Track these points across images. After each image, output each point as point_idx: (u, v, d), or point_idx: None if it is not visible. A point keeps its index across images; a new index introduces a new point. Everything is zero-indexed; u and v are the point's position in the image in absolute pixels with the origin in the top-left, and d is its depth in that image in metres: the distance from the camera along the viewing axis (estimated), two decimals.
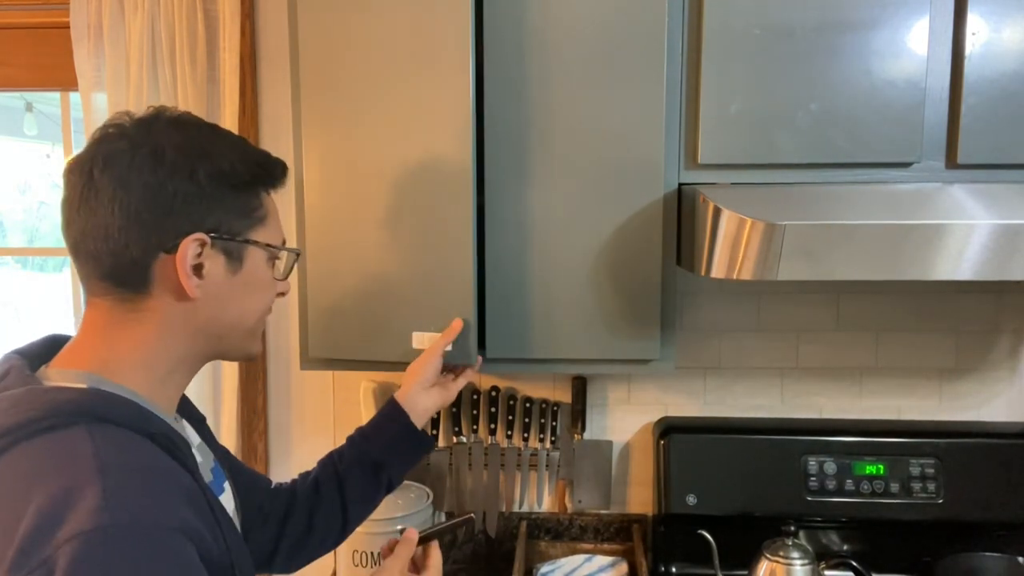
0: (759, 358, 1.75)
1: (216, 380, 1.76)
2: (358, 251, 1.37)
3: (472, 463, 1.77)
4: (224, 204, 0.83)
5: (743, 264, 1.17)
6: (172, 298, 0.81)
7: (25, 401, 0.74)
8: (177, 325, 0.83)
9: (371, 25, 1.33)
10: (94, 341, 0.82)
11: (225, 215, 0.83)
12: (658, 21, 1.31)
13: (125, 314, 0.81)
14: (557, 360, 1.40)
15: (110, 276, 0.80)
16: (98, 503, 0.67)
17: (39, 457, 0.71)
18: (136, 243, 0.78)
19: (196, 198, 0.80)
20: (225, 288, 0.84)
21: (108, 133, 0.81)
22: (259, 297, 0.89)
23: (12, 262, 2.72)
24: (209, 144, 0.83)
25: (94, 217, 0.78)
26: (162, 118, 0.83)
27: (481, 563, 1.80)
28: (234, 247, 0.84)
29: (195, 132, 0.83)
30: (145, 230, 0.78)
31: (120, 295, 0.81)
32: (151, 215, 0.78)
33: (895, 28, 1.29)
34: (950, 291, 1.72)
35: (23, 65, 1.79)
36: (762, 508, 1.63)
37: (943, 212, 1.20)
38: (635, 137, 1.32)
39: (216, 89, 1.69)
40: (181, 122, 0.83)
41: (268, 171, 0.88)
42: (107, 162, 0.78)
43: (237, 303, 0.86)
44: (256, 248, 0.87)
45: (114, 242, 0.78)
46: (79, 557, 0.64)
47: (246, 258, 0.86)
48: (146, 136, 0.80)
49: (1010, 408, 1.74)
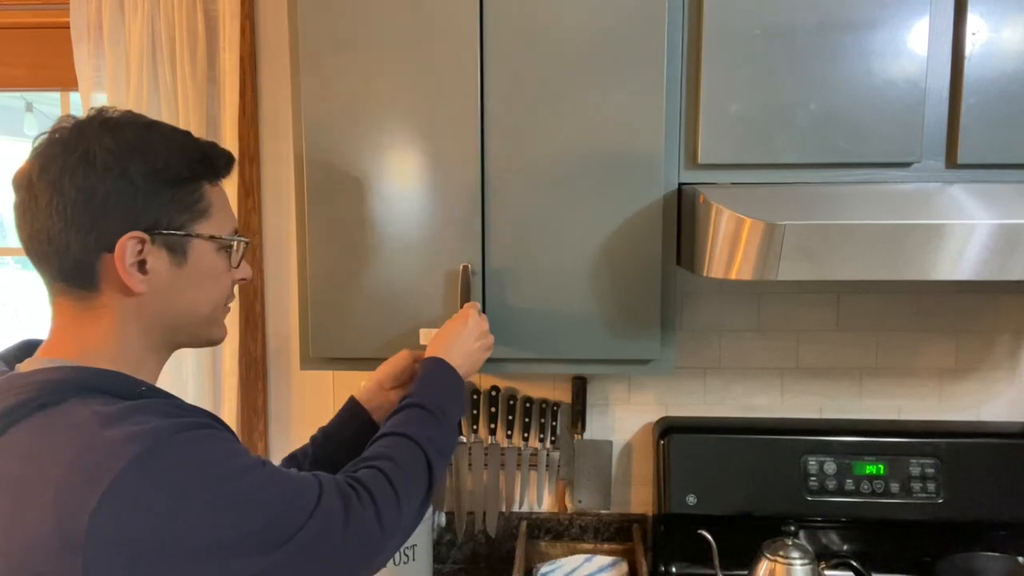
0: (759, 358, 1.75)
1: (216, 380, 1.76)
2: (359, 250, 1.37)
3: (472, 463, 1.76)
4: (160, 200, 0.84)
5: (743, 264, 1.17)
6: (120, 294, 0.84)
7: (12, 385, 0.77)
8: (131, 319, 0.85)
9: (372, 24, 1.33)
10: (64, 337, 0.84)
11: (163, 211, 0.84)
12: (658, 21, 1.31)
13: (84, 311, 0.84)
14: (557, 360, 1.40)
15: (61, 277, 0.83)
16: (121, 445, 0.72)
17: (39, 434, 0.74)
18: (76, 245, 0.81)
19: (129, 197, 0.82)
20: (173, 282, 0.86)
21: (47, 139, 0.83)
22: (211, 287, 0.91)
23: (12, 262, 2.72)
24: (142, 142, 0.84)
25: (36, 222, 0.81)
26: (96, 120, 0.84)
27: (481, 563, 1.80)
28: (176, 241, 0.86)
29: (128, 132, 0.84)
30: (82, 232, 0.81)
31: (75, 294, 0.84)
32: (87, 217, 0.81)
33: (895, 28, 1.29)
34: (950, 291, 1.72)
35: (23, 65, 1.79)
36: (762, 508, 1.63)
37: (943, 212, 1.20)
38: (635, 137, 1.32)
39: (216, 89, 1.69)
40: (116, 123, 0.85)
41: (209, 163, 0.89)
42: (43, 168, 0.81)
43: (187, 294, 0.88)
44: (200, 240, 0.88)
45: (56, 244, 0.81)
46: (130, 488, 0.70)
47: (190, 251, 0.87)
48: (79, 140, 0.82)
49: (1010, 408, 1.74)
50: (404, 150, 1.35)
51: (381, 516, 0.89)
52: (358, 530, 0.86)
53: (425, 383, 1.11)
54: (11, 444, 0.75)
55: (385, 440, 1.01)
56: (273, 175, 1.77)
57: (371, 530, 0.88)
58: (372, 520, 0.88)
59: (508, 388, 1.77)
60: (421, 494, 0.98)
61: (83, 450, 0.72)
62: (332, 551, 0.83)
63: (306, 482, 0.85)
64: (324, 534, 0.82)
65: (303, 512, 0.81)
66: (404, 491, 0.94)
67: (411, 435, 1.01)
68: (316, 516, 0.82)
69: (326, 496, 0.84)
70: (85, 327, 0.84)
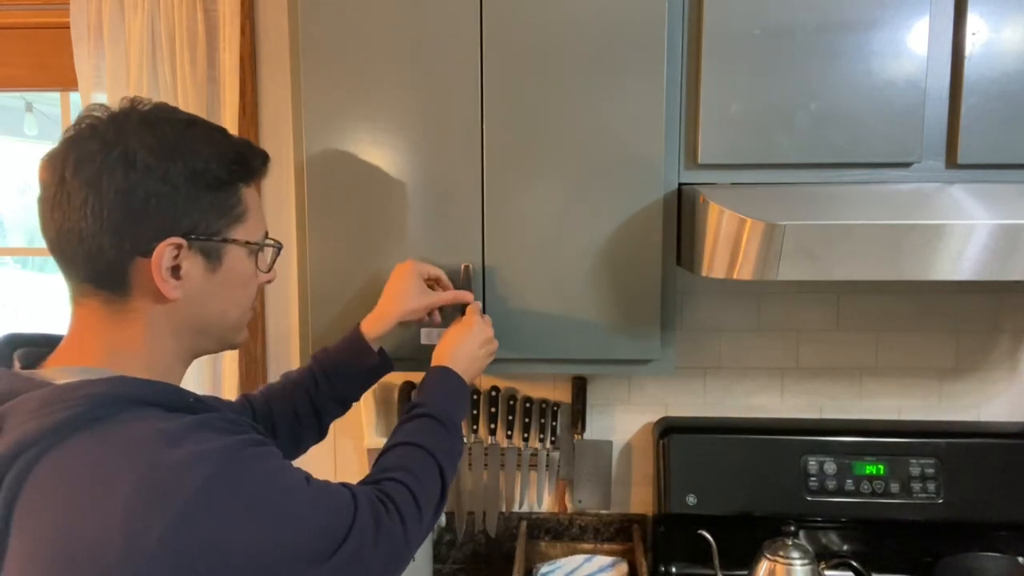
0: (759, 358, 1.75)
1: (216, 379, 1.76)
2: (359, 250, 1.37)
3: (472, 463, 1.77)
4: (200, 204, 0.81)
5: (743, 264, 1.17)
6: (152, 300, 0.81)
7: (58, 399, 0.73)
8: (162, 325, 0.83)
9: (372, 24, 1.33)
10: (89, 339, 0.81)
11: (202, 215, 0.82)
12: (658, 21, 1.31)
13: (112, 315, 0.81)
14: (557, 360, 1.40)
15: (90, 279, 0.80)
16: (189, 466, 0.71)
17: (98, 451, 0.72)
18: (110, 247, 0.78)
19: (170, 200, 0.79)
20: (205, 287, 0.84)
21: (81, 130, 0.79)
22: (241, 292, 0.89)
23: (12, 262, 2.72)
24: (183, 143, 0.81)
25: (67, 221, 0.77)
26: (134, 115, 0.81)
27: (481, 563, 1.80)
28: (212, 247, 0.83)
29: (168, 130, 0.81)
30: (118, 235, 0.78)
31: (103, 297, 0.80)
32: (124, 219, 0.77)
33: (895, 28, 1.29)
34: (950, 291, 1.72)
35: (23, 65, 1.79)
36: (762, 508, 1.63)
37: (943, 212, 1.20)
38: (635, 137, 1.32)
39: (216, 89, 1.69)
40: (154, 119, 0.81)
41: (246, 165, 0.87)
42: (78, 164, 0.77)
43: (219, 300, 0.86)
44: (235, 246, 0.86)
45: (88, 246, 0.78)
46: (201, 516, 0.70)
47: (225, 256, 0.85)
48: (117, 136, 0.78)
49: (1010, 408, 1.74)
50: (404, 150, 1.35)
51: (407, 528, 0.92)
52: (387, 543, 0.88)
53: (435, 392, 1.13)
54: (66, 460, 0.71)
55: (401, 450, 1.03)
56: (273, 175, 1.76)
57: (399, 542, 0.90)
58: (400, 533, 0.90)
59: (508, 388, 1.77)
60: (435, 504, 1.01)
61: (150, 470, 0.70)
62: (366, 564, 0.85)
63: (344, 497, 0.86)
64: (360, 549, 0.84)
65: (343, 527, 0.83)
66: (424, 502, 0.97)
67: (426, 447, 1.03)
68: (354, 531, 0.83)
69: (361, 512, 0.86)
70: (113, 332, 0.81)
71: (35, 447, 0.71)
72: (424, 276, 1.30)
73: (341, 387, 1.24)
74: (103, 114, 0.80)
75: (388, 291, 1.28)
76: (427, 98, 1.34)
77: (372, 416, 1.77)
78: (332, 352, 1.25)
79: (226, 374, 1.74)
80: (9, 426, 0.72)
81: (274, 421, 1.19)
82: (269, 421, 1.19)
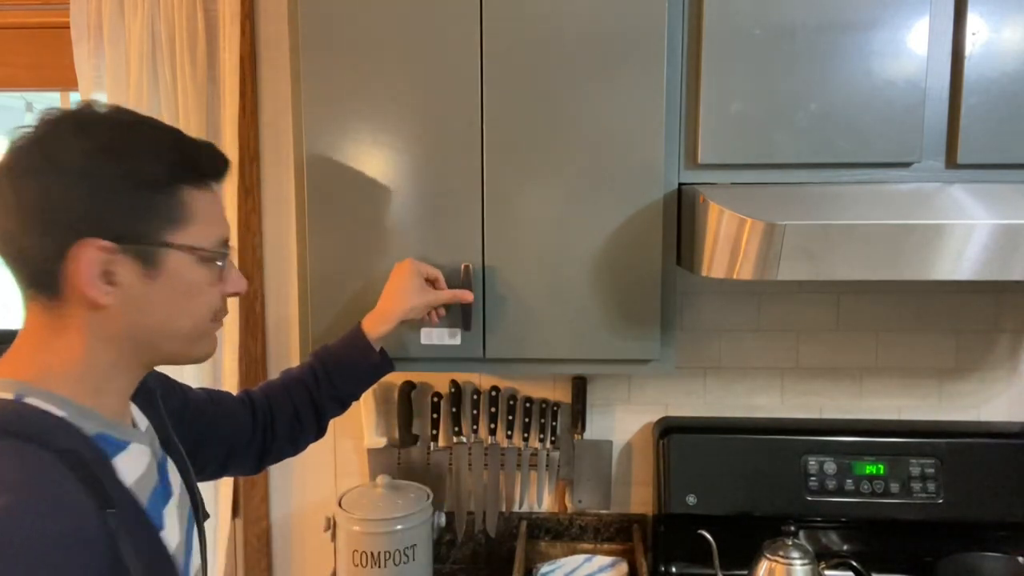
0: (759, 358, 1.75)
1: (216, 380, 1.76)
2: (359, 250, 1.37)
3: (472, 463, 1.76)
4: (132, 205, 0.77)
5: (743, 264, 1.17)
6: (85, 307, 0.78)
7: None
8: (99, 332, 0.79)
9: (372, 24, 1.33)
10: (30, 348, 0.79)
11: (133, 218, 0.78)
12: (658, 21, 1.31)
13: (52, 320, 0.79)
14: (557, 360, 1.40)
15: (25, 283, 0.79)
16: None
17: None
18: (34, 249, 0.76)
19: (94, 199, 0.76)
20: (142, 294, 0.79)
21: (19, 136, 0.78)
22: (191, 301, 0.83)
23: None
24: (117, 143, 0.78)
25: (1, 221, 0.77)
26: (68, 119, 0.78)
27: (481, 563, 1.80)
28: (147, 251, 0.79)
29: (104, 130, 0.78)
30: (41, 236, 0.76)
31: (42, 301, 0.78)
32: (45, 221, 0.75)
33: (895, 28, 1.29)
34: (950, 291, 1.72)
35: (23, 65, 1.79)
36: (762, 508, 1.63)
37: (943, 212, 1.20)
38: (635, 137, 1.32)
39: (216, 89, 1.69)
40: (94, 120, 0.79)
41: (192, 166, 0.82)
42: (8, 167, 0.76)
43: (160, 309, 0.81)
44: (176, 251, 0.80)
45: (17, 248, 0.77)
46: None
47: (164, 262, 0.80)
48: (51, 137, 0.77)
49: (1010, 408, 1.74)
50: (404, 150, 1.35)
51: None
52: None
53: None
54: None
55: None
56: (273, 175, 1.77)
57: None
58: None
59: (508, 388, 1.77)
60: None
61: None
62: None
63: None
64: None
65: None
66: None
67: None
68: None
69: None
70: (51, 337, 0.79)
71: None
72: (423, 275, 1.30)
73: (341, 385, 1.24)
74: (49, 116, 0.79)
75: (388, 290, 1.28)
76: (427, 98, 1.34)
77: (372, 416, 1.76)
78: (333, 350, 1.25)
79: (226, 373, 1.74)
80: None
81: (273, 417, 1.20)
82: (268, 417, 1.19)
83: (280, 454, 1.22)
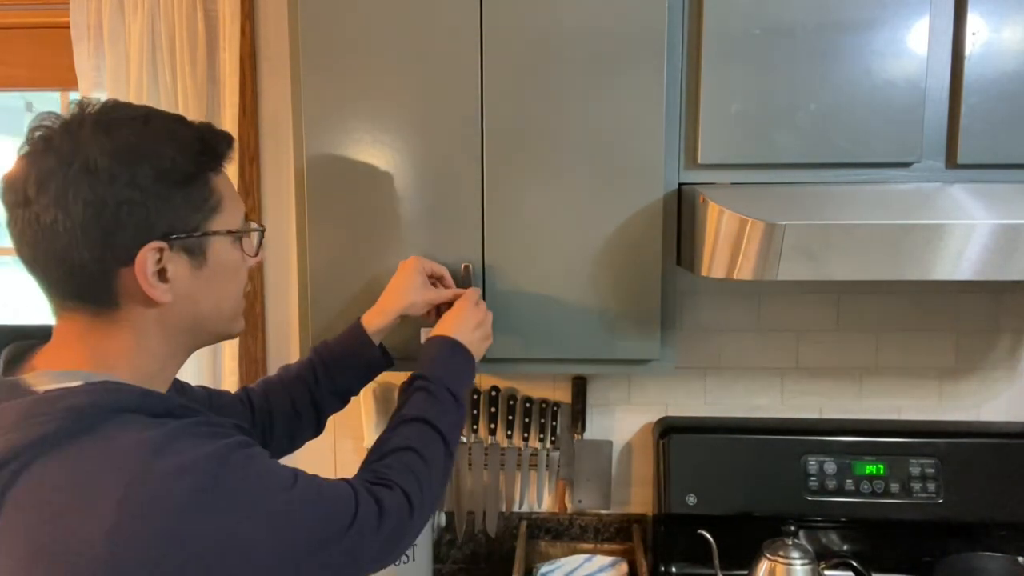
0: (759, 358, 1.75)
1: (216, 380, 1.76)
2: (359, 250, 1.37)
3: (472, 463, 1.76)
4: (173, 203, 0.79)
5: (743, 264, 1.17)
6: (143, 307, 0.80)
7: (38, 411, 0.72)
8: (153, 329, 0.81)
9: (372, 24, 1.33)
10: (75, 345, 0.79)
11: (177, 214, 0.79)
12: (658, 21, 1.31)
13: (100, 326, 0.79)
14: (557, 360, 1.40)
15: (74, 295, 0.78)
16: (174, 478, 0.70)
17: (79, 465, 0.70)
18: (91, 262, 0.76)
19: (141, 205, 0.76)
20: (194, 285, 0.82)
21: (35, 145, 0.77)
22: (230, 282, 0.87)
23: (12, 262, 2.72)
24: (144, 143, 0.78)
25: (43, 241, 0.75)
26: (87, 121, 0.77)
27: (481, 563, 1.80)
28: (194, 243, 0.81)
29: (126, 132, 0.77)
30: (96, 248, 0.75)
31: (90, 310, 0.79)
32: (98, 232, 0.75)
33: (895, 28, 1.29)
34: (950, 291, 1.72)
35: (23, 65, 1.79)
36: (762, 508, 1.63)
37: (943, 212, 1.20)
38: (635, 137, 1.32)
39: (216, 89, 1.69)
40: (108, 121, 0.78)
41: (212, 153, 0.84)
42: (41, 183, 0.74)
43: (210, 295, 0.85)
44: (217, 237, 0.84)
45: (69, 264, 0.76)
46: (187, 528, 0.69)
47: (208, 250, 0.83)
48: (74, 147, 0.75)
49: (1010, 408, 1.74)
50: (404, 150, 1.35)
51: (412, 507, 0.93)
52: (393, 526, 0.89)
53: (436, 363, 1.14)
54: (47, 475, 0.70)
55: (404, 428, 1.04)
56: (273, 175, 1.77)
57: (403, 523, 0.91)
58: (405, 514, 0.92)
59: (508, 388, 1.77)
60: (441, 476, 1.02)
61: (135, 482, 0.69)
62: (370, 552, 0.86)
63: (339, 488, 0.87)
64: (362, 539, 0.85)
65: (342, 517, 0.84)
66: (428, 477, 0.98)
67: (427, 419, 1.04)
68: (356, 523, 0.84)
69: (362, 502, 0.87)
70: (101, 340, 0.79)
71: (15, 462, 0.70)
72: (428, 273, 1.30)
73: (340, 380, 1.24)
74: (54, 123, 0.77)
75: (391, 286, 1.28)
76: (427, 98, 1.34)
77: (372, 415, 1.76)
78: (332, 344, 1.25)
79: (226, 373, 1.74)
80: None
81: (271, 415, 1.19)
82: (267, 415, 1.19)
83: (278, 451, 1.22)
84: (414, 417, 1.05)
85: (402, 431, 1.03)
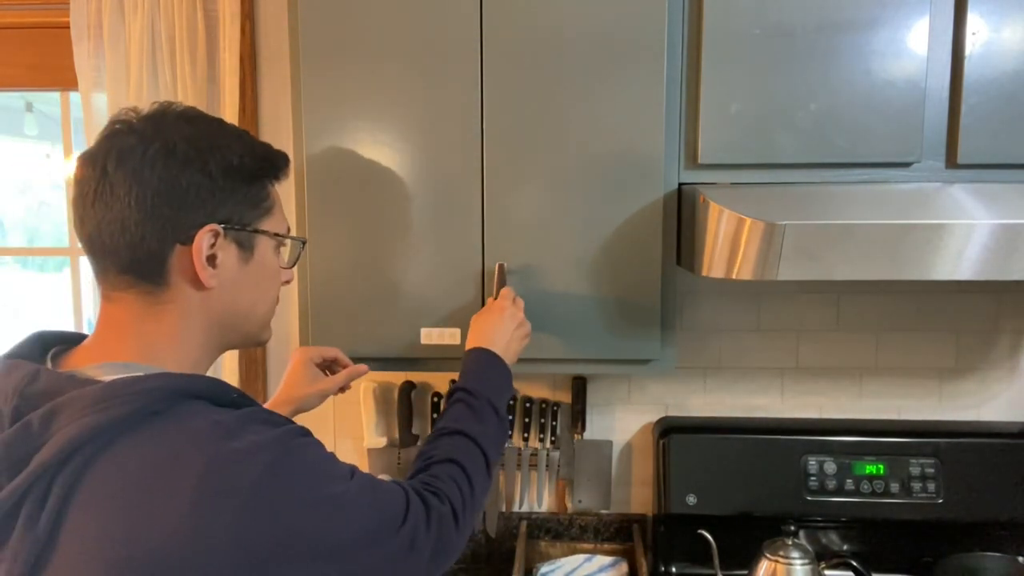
0: (759, 358, 1.75)
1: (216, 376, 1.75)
2: (359, 251, 1.37)
3: None
4: (235, 196, 0.85)
5: (743, 264, 1.17)
6: (190, 289, 0.83)
7: (114, 394, 0.73)
8: (196, 315, 0.85)
9: (372, 25, 1.33)
10: (121, 335, 0.82)
11: (236, 206, 0.85)
12: (658, 21, 1.31)
13: (148, 307, 0.82)
14: (557, 360, 1.40)
15: (129, 270, 0.81)
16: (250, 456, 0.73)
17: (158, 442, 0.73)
18: (153, 236, 0.80)
19: (209, 191, 0.82)
20: (238, 277, 0.87)
21: (117, 129, 0.82)
22: (269, 285, 0.92)
23: (12, 262, 2.72)
24: (218, 138, 0.85)
25: (110, 212, 0.79)
26: (170, 113, 0.84)
27: (481, 563, 1.80)
28: (245, 237, 0.86)
29: (204, 126, 0.85)
30: (161, 223, 0.80)
31: (141, 288, 0.82)
32: (167, 208, 0.80)
33: (895, 28, 1.29)
34: (950, 291, 1.72)
35: (23, 65, 1.79)
36: (762, 508, 1.63)
37: (943, 212, 1.20)
38: (635, 137, 1.32)
39: (216, 89, 1.69)
40: (189, 116, 0.85)
41: (273, 163, 0.91)
42: (120, 157, 0.80)
43: (249, 292, 0.89)
44: (265, 237, 0.89)
45: (131, 235, 0.80)
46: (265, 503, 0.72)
47: (256, 247, 0.88)
48: (156, 131, 0.81)
49: (1010, 408, 1.74)
50: (404, 150, 1.35)
51: (457, 518, 0.95)
52: (440, 534, 0.91)
53: (475, 375, 1.15)
54: (128, 452, 0.72)
55: (448, 440, 1.05)
56: None
57: (450, 533, 0.93)
58: (451, 523, 0.93)
59: None
60: (482, 491, 1.04)
61: (214, 460, 0.72)
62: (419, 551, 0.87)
63: (393, 488, 0.89)
64: (415, 535, 0.87)
65: (397, 515, 0.86)
66: (471, 491, 1.00)
67: (470, 434, 1.06)
68: (407, 522, 0.86)
69: (413, 503, 0.89)
70: (147, 325, 0.82)
71: (91, 444, 0.71)
72: (317, 360, 1.26)
73: None
74: (137, 114, 0.84)
75: (285, 379, 1.26)
76: (427, 98, 1.34)
77: (372, 416, 1.77)
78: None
79: (226, 374, 1.74)
80: (59, 424, 0.72)
81: None
82: None
83: None
84: (457, 430, 1.06)
85: (444, 443, 1.05)
